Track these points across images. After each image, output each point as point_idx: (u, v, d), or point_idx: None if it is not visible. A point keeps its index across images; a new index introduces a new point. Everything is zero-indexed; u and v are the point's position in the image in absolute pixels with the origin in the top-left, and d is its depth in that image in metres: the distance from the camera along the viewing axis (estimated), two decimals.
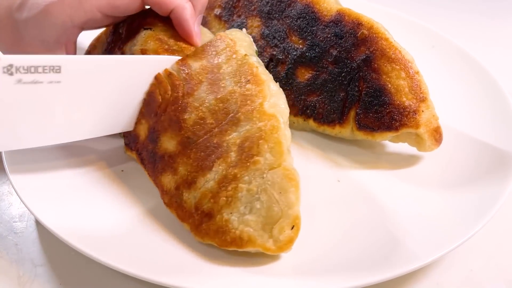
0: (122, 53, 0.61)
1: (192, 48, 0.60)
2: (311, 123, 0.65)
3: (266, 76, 0.55)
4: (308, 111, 0.65)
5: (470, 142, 0.65)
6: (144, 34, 0.60)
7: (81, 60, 0.53)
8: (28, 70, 0.49)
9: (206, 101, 0.54)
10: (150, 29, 0.60)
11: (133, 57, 0.56)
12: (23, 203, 0.54)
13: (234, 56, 0.56)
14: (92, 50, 0.69)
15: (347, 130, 0.63)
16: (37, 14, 0.57)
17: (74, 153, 0.61)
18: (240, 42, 0.58)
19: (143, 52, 0.58)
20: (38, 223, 0.58)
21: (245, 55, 0.56)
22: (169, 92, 0.55)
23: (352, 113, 0.63)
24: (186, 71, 0.56)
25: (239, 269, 0.50)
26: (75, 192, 0.57)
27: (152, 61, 0.56)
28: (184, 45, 0.60)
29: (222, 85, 0.55)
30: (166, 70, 0.57)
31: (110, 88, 0.55)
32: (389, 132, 0.61)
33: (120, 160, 0.61)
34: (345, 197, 0.59)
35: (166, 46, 0.59)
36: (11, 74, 0.48)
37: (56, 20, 0.57)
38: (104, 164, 0.61)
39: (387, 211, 0.57)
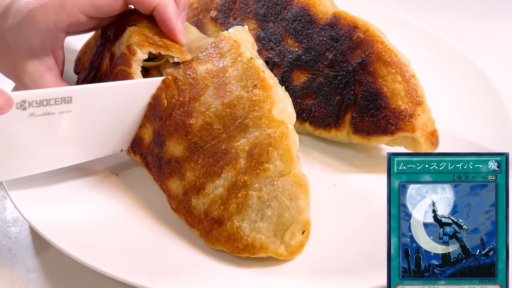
0: (112, 54, 0.61)
1: (177, 45, 0.59)
2: (307, 126, 0.65)
3: (273, 81, 0.55)
4: (304, 114, 0.65)
5: (467, 146, 0.65)
6: (129, 31, 0.59)
7: (90, 89, 0.54)
8: (40, 103, 0.51)
9: (213, 106, 0.54)
10: (135, 25, 0.60)
11: (134, 81, 0.57)
12: (16, 208, 0.54)
13: (239, 59, 0.55)
14: (82, 55, 0.69)
15: (343, 134, 0.63)
16: (20, 21, 0.56)
17: None
18: (245, 44, 0.57)
19: (129, 48, 0.57)
20: (32, 228, 0.58)
21: (251, 58, 0.55)
22: (176, 97, 0.55)
23: (348, 117, 0.62)
24: (192, 75, 0.55)
25: (247, 270, 0.50)
26: (69, 198, 0.57)
27: (150, 82, 0.57)
28: (169, 42, 0.59)
29: (229, 89, 0.54)
30: (172, 74, 0.56)
31: (112, 112, 0.56)
32: (385, 136, 0.60)
33: (115, 164, 0.61)
34: (341, 201, 0.59)
35: (151, 41, 0.58)
36: (24, 109, 0.50)
37: (40, 25, 0.56)
38: (98, 168, 0.60)
39: (384, 215, 0.57)
